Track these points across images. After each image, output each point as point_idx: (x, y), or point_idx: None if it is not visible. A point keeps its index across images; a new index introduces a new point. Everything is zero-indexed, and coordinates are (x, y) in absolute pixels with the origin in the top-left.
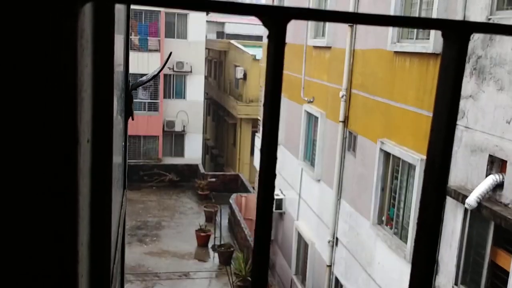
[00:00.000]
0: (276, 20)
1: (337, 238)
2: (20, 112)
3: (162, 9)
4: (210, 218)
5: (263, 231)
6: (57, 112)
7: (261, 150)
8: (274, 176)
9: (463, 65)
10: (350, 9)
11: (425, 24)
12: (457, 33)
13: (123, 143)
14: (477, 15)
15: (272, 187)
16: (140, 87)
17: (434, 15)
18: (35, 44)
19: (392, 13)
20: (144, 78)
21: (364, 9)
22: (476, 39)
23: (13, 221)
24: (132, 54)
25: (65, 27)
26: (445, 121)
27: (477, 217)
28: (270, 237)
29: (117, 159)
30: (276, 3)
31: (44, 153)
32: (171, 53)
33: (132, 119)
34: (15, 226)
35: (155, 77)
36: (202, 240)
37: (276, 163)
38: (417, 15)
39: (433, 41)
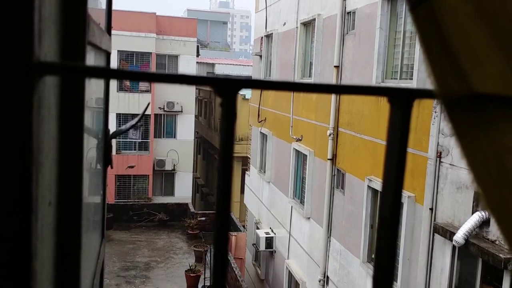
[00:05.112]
0: (227, 90)
1: (327, 277)
2: None
3: (153, 51)
4: (200, 258)
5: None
6: (9, 180)
7: (215, 217)
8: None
9: (407, 129)
10: (336, 51)
11: (371, 91)
12: (402, 99)
13: (102, 192)
14: None
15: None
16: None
17: (417, 56)
18: None
19: (376, 54)
20: (123, 127)
21: (349, 51)
22: None
23: None
24: (124, 95)
25: (18, 101)
26: (393, 181)
27: (465, 254)
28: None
29: (92, 210)
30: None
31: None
32: (149, 103)
33: (111, 168)
34: None
35: (134, 126)
36: (192, 281)
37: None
38: (400, 56)
39: (416, 81)
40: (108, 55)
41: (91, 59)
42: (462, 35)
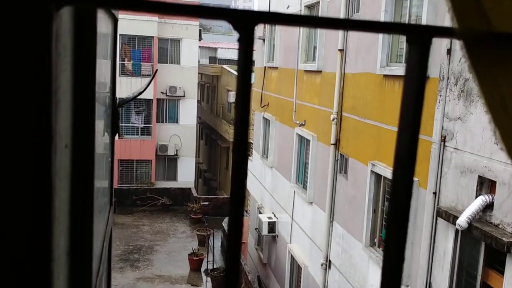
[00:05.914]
0: (246, 23)
1: (330, 261)
2: None
3: (155, 35)
4: (203, 242)
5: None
6: (30, 110)
7: (233, 158)
8: (245, 176)
9: (425, 67)
10: (340, 34)
11: (387, 28)
12: (420, 37)
13: (110, 159)
14: None
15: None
16: (133, 112)
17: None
18: (9, 45)
19: (380, 37)
20: (130, 95)
21: (353, 34)
22: (464, 62)
23: None
24: (126, 79)
25: (38, 30)
26: (410, 126)
27: (468, 238)
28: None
29: (101, 170)
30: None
31: (16, 152)
32: (156, 70)
33: (119, 136)
34: None
35: (141, 94)
36: (195, 264)
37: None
38: (404, 40)
39: None
40: (115, 21)
41: (101, 24)
42: None
